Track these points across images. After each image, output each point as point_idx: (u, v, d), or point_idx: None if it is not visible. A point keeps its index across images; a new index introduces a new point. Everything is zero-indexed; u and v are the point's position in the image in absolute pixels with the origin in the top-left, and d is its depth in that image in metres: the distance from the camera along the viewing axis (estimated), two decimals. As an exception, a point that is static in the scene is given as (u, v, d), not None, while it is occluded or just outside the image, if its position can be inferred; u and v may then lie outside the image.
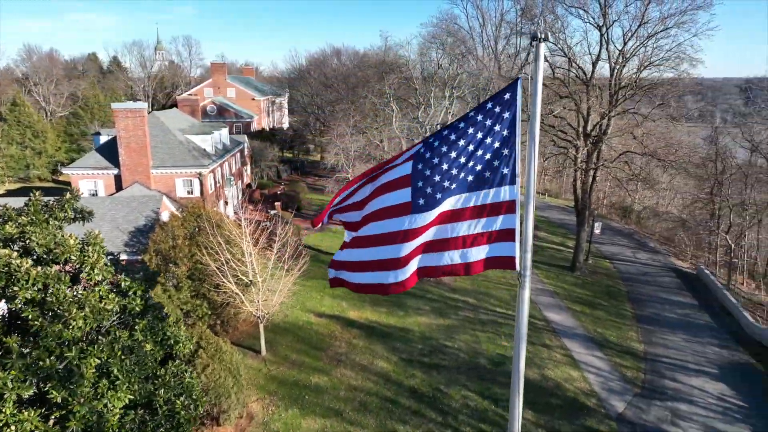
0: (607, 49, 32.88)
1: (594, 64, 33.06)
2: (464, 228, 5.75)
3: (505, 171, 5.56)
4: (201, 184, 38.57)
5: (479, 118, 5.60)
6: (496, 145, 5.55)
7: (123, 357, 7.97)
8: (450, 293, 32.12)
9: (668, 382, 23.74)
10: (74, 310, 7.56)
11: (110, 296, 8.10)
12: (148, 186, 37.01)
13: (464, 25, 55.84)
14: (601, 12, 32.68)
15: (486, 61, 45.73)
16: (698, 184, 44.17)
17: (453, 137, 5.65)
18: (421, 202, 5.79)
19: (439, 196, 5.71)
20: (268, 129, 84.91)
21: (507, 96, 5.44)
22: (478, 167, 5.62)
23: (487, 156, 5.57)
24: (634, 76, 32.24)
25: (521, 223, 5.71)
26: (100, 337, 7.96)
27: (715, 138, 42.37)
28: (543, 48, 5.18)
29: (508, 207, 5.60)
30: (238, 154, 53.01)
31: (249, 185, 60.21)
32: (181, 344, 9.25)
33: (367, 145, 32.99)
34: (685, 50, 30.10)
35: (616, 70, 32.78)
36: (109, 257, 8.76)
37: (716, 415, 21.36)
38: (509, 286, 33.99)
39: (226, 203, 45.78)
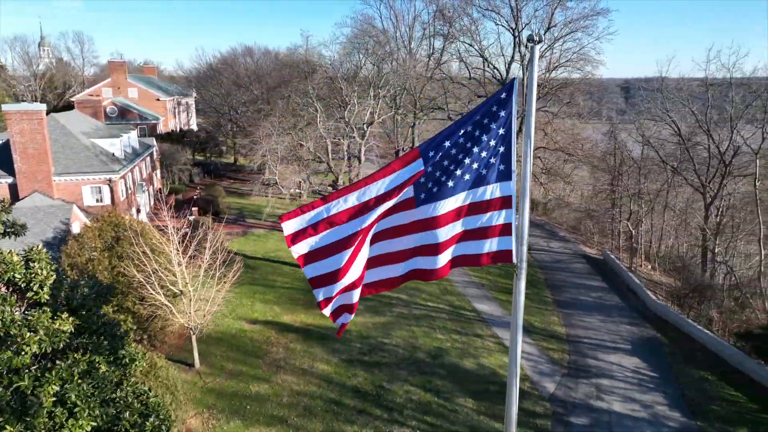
0: (519, 51, 34.73)
1: (508, 65, 34.84)
2: (466, 223, 5.90)
3: (502, 168, 5.76)
4: (111, 191, 35.96)
5: (478, 117, 5.75)
6: (493, 143, 5.73)
7: (80, 381, 7.24)
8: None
9: (590, 360, 25.60)
10: (27, 334, 6.72)
11: (64, 316, 7.31)
12: (50, 195, 33.87)
13: (378, 26, 56.53)
14: (513, 16, 34.50)
15: (405, 61, 46.58)
16: (600, 176, 47.87)
17: (456, 138, 5.77)
18: (423, 196, 5.88)
19: (436, 189, 5.82)
20: (177, 131, 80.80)
21: (503, 95, 5.64)
22: (476, 165, 5.77)
23: (485, 154, 5.74)
24: (545, 76, 34.31)
25: (517, 217, 5.94)
26: (58, 362, 7.16)
27: (614, 134, 46.22)
28: (537, 50, 5.42)
29: (506, 202, 5.82)
30: (148, 158, 50.01)
31: (160, 191, 57.05)
32: (137, 362, 8.59)
33: (293, 146, 32.43)
34: (588, 53, 32.62)
35: (527, 71, 34.71)
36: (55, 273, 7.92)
37: (633, 387, 23.34)
38: (437, 281, 34.93)
39: (138, 211, 43.02)
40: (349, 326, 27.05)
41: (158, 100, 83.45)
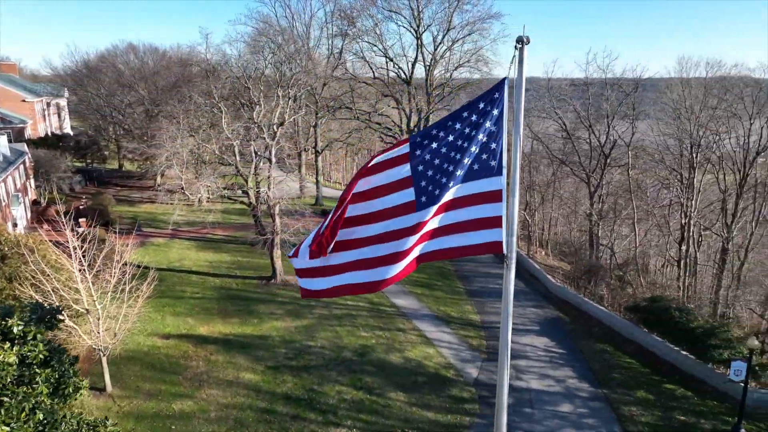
0: (421, 51, 35.88)
1: (412, 66, 35.89)
2: (459, 215, 6.07)
3: (493, 163, 6.00)
4: (-17, 204, 31.77)
5: (465, 114, 5.93)
6: (485, 139, 5.94)
7: (26, 417, 6.35)
8: (298, 293, 31.87)
9: (505, 343, 27.19)
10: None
11: (6, 346, 6.32)
12: None
13: (275, 25, 55.31)
14: (414, 17, 35.54)
15: (303, 61, 46.07)
16: None
17: (445, 135, 5.91)
18: (424, 199, 5.94)
19: (437, 192, 5.93)
20: (50, 135, 73.10)
21: (496, 95, 5.88)
22: (468, 161, 5.96)
23: (476, 150, 5.94)
24: (446, 76, 35.80)
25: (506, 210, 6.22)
26: (4, 399, 6.16)
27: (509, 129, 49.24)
28: (526, 51, 5.73)
29: (496, 196, 6.07)
30: (21, 166, 44.82)
31: (36, 201, 51.36)
32: (82, 390, 7.71)
33: (197, 149, 30.78)
34: (486, 54, 34.57)
35: (430, 71, 36.02)
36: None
37: (546, 364, 25.23)
38: (354, 279, 35.09)
39: (15, 225, 38.40)
40: (271, 331, 26.44)
41: (24, 101, 74.91)
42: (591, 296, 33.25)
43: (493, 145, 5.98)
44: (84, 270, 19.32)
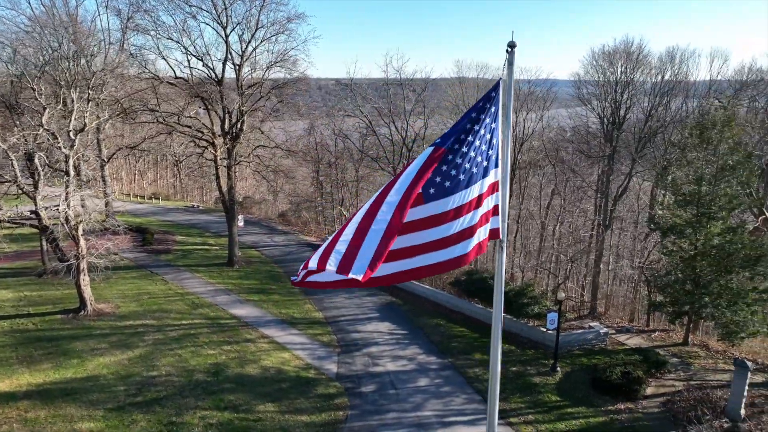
0: (229, 51, 34.43)
1: (223, 65, 34.17)
2: (479, 212, 6.43)
3: (494, 157, 6.52)
4: None
5: (473, 115, 6.32)
6: (488, 136, 6.40)
7: None
8: (119, 321, 28.15)
9: (354, 334, 28.20)
10: None
11: None
12: None
13: (29, 13, 46.68)
14: (217, 14, 33.86)
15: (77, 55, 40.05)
16: (313, 168, 51.61)
17: (463, 136, 6.20)
18: (432, 191, 6.15)
19: (456, 187, 6.23)
20: None
21: (493, 94, 6.36)
22: (480, 158, 6.38)
23: (484, 147, 6.38)
24: (259, 76, 35.02)
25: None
26: None
27: (313, 129, 50.47)
28: (516, 53, 6.36)
29: (496, 187, 6.62)
30: None
31: None
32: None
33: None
34: (298, 54, 34.77)
35: (241, 71, 34.82)
36: None
37: (395, 346, 26.95)
38: (179, 296, 32.32)
39: None
40: (100, 370, 23.19)
41: None
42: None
43: (495, 141, 6.50)
44: None
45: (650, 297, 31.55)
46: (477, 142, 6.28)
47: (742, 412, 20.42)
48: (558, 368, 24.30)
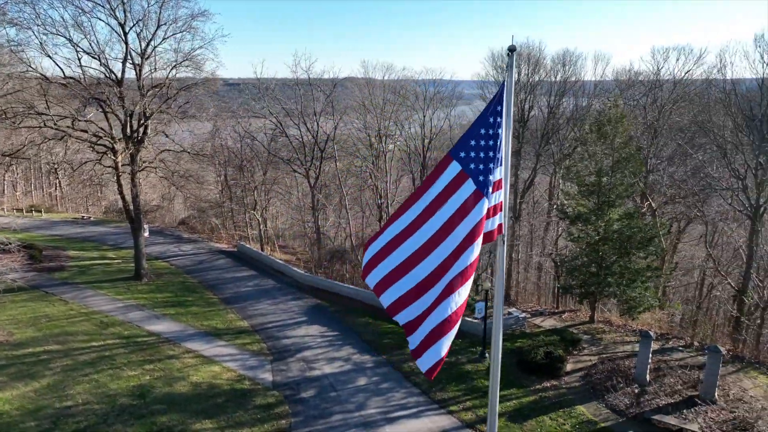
0: (130, 49, 32.07)
1: (123, 64, 31.61)
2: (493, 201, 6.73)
3: (499, 155, 6.79)
4: None
5: (488, 116, 6.56)
6: (498, 132, 6.68)
7: None
8: (16, 350, 25.15)
9: (285, 340, 27.58)
10: None
11: None
12: None
13: None
14: (112, 9, 31.33)
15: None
16: (224, 172, 49.34)
17: (484, 131, 6.41)
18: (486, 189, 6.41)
19: (489, 183, 6.49)
20: None
21: (500, 94, 6.64)
22: (492, 153, 6.63)
23: (493, 143, 6.64)
24: (164, 76, 32.92)
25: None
26: None
27: (217, 131, 48.27)
28: (515, 57, 6.67)
29: (499, 184, 6.91)
30: None
31: None
32: None
33: None
34: (205, 54, 33.12)
35: (142, 71, 32.53)
36: None
37: (329, 349, 26.76)
38: (84, 316, 29.58)
39: None
40: (1, 406, 20.66)
41: None
42: (340, 279, 36.26)
43: (499, 140, 6.78)
44: None
45: (559, 281, 34.17)
46: (490, 141, 6.56)
47: (648, 377, 22.88)
48: (486, 354, 25.56)
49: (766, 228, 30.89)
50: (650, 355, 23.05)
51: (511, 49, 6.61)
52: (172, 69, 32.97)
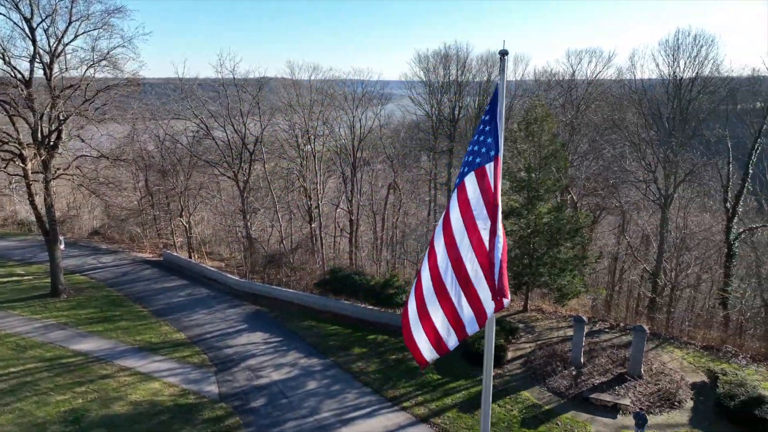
0: (38, 47, 29.53)
1: (31, 64, 28.96)
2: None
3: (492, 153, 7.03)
4: None
5: (487, 117, 6.75)
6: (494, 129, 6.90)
7: None
8: None
9: (227, 350, 26.64)
10: None
11: None
12: None
13: None
14: (14, 3, 28.71)
15: None
16: (149, 178, 46.48)
17: (488, 128, 6.59)
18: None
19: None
20: None
21: (492, 99, 6.86)
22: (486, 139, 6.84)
23: (483, 138, 6.86)
24: (80, 76, 30.62)
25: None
26: None
27: (134, 134, 45.52)
28: (507, 61, 6.91)
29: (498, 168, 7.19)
30: None
31: None
32: None
33: None
34: (125, 53, 31.14)
35: (52, 71, 30.06)
36: None
37: (274, 355, 26.16)
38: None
39: None
40: None
41: None
42: (278, 283, 35.51)
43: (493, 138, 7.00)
44: None
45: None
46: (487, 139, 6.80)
47: (582, 359, 24.47)
48: (433, 349, 26.11)
49: (675, 216, 34.03)
50: (584, 339, 24.65)
51: (503, 53, 6.85)
52: (88, 69, 30.72)
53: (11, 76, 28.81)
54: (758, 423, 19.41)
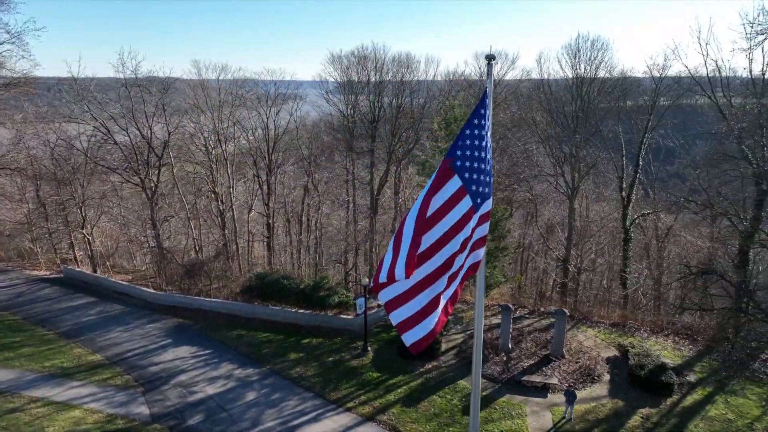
0: None
1: None
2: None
3: (491, 184, 7.32)
4: None
5: (476, 122, 6.95)
6: (483, 133, 7.13)
7: None
8: None
9: (153, 367, 25.03)
10: None
11: None
12: None
13: None
14: None
15: None
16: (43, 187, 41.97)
17: (477, 141, 6.76)
18: (479, 200, 6.72)
19: (486, 190, 6.87)
20: None
21: (483, 100, 7.09)
22: (481, 156, 7.05)
23: (478, 143, 7.08)
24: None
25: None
26: None
27: (22, 140, 41.05)
28: (493, 66, 7.23)
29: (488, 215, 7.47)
30: None
31: None
32: None
33: None
34: (13, 50, 27.99)
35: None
36: None
37: (206, 368, 24.98)
38: None
39: None
40: None
41: None
42: (198, 293, 33.86)
43: (484, 143, 7.29)
44: None
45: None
46: (482, 143, 7.08)
47: (510, 344, 25.94)
48: (369, 349, 26.38)
49: (579, 206, 37.00)
50: (511, 325, 26.14)
51: (489, 57, 7.21)
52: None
53: None
54: (664, 387, 21.87)
